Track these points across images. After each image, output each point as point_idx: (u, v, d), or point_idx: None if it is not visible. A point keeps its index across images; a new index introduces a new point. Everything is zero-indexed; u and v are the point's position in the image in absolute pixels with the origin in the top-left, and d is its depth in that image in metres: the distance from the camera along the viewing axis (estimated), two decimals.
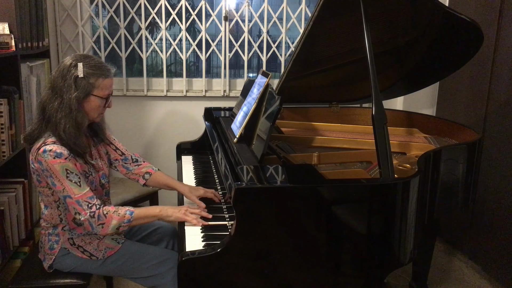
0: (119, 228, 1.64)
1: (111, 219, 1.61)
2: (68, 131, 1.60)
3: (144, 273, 1.77)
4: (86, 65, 1.62)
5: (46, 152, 1.57)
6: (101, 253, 1.75)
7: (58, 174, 1.57)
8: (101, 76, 1.64)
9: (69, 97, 1.60)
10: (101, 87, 1.65)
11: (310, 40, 2.17)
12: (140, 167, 1.98)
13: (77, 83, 1.61)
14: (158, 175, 1.97)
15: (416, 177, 1.64)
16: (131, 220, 1.64)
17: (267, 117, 1.82)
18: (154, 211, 1.71)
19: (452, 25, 2.12)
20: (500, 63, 2.62)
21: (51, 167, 1.57)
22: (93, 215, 1.60)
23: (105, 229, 1.62)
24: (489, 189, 2.70)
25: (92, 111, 1.68)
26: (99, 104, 1.68)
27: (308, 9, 3.24)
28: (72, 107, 1.60)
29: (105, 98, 1.69)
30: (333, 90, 2.67)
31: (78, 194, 1.59)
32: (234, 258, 1.46)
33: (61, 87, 1.61)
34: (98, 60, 1.68)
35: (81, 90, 1.61)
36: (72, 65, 1.61)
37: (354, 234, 1.55)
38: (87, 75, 1.62)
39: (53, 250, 1.76)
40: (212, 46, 3.23)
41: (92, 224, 1.60)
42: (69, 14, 3.05)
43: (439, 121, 2.57)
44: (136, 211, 1.66)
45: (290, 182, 1.57)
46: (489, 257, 2.73)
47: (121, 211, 1.64)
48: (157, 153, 3.31)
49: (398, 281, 2.66)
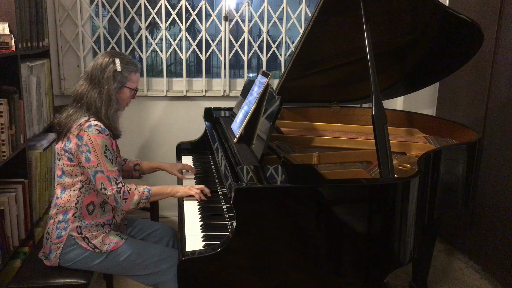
0: (139, 204, 1.80)
1: (134, 195, 1.78)
2: (110, 116, 1.84)
3: (145, 270, 1.82)
4: (122, 61, 1.85)
5: (91, 126, 1.75)
6: (105, 246, 1.81)
7: (98, 148, 1.74)
8: (134, 70, 1.89)
9: (109, 88, 1.82)
10: (133, 80, 1.90)
11: (310, 40, 2.17)
12: (127, 163, 2.19)
13: (114, 76, 1.83)
14: (143, 163, 2.23)
15: (416, 177, 1.64)
16: (149, 197, 1.82)
17: (267, 117, 1.83)
18: (166, 190, 1.90)
19: (452, 25, 2.12)
20: (500, 63, 2.62)
21: (93, 141, 1.73)
22: (119, 191, 1.76)
23: (128, 204, 1.78)
24: (489, 189, 2.70)
25: (123, 101, 1.91)
26: (129, 95, 1.91)
27: (308, 9, 3.24)
28: (111, 97, 1.83)
29: (134, 89, 1.92)
30: (333, 90, 2.67)
31: (110, 170, 1.76)
32: (234, 258, 1.46)
33: (99, 79, 1.81)
34: (130, 57, 1.92)
35: (118, 82, 1.84)
36: (110, 61, 1.83)
37: (354, 234, 1.55)
38: (123, 69, 1.85)
39: (60, 238, 1.80)
40: (212, 46, 3.23)
41: (117, 198, 1.75)
42: (69, 14, 3.05)
43: (439, 121, 2.57)
44: (152, 189, 1.84)
45: (290, 182, 1.57)
46: (489, 257, 2.73)
47: (140, 189, 1.81)
48: (157, 153, 3.31)
49: (398, 281, 2.66)
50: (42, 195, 2.49)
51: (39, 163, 2.40)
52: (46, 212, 2.57)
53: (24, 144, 2.23)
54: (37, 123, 2.47)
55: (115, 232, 1.87)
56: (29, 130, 2.34)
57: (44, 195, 2.52)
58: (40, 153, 2.40)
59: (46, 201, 2.56)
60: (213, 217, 1.80)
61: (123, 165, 2.16)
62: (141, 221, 2.14)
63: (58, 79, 3.10)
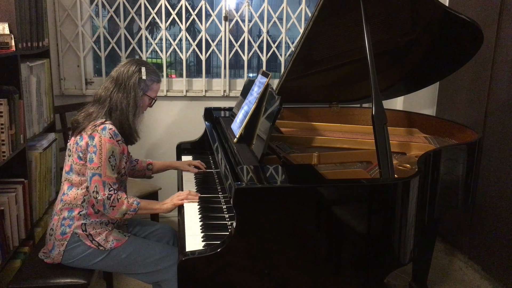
0: (125, 215, 1.81)
1: (122, 204, 1.79)
2: (132, 120, 1.88)
3: (146, 268, 1.83)
4: (148, 70, 1.90)
5: (105, 129, 1.78)
6: (109, 244, 1.82)
7: (104, 152, 1.76)
8: (156, 80, 1.95)
9: (135, 94, 1.87)
10: (154, 89, 1.95)
11: (310, 40, 2.17)
12: (139, 163, 2.23)
13: (139, 83, 1.88)
14: (155, 163, 2.28)
15: (416, 177, 1.64)
16: (136, 210, 1.82)
17: (267, 117, 1.82)
18: (155, 206, 1.92)
19: (452, 25, 2.12)
20: (500, 63, 2.62)
21: (102, 144, 1.76)
22: (109, 197, 1.76)
23: (114, 212, 1.78)
24: (489, 189, 2.70)
25: (142, 108, 1.95)
26: (147, 103, 1.97)
27: (308, 9, 3.24)
28: (137, 103, 1.88)
29: (153, 98, 1.97)
30: (333, 90, 2.67)
31: (108, 176, 1.77)
32: (234, 258, 1.46)
33: (126, 84, 1.86)
34: (154, 67, 1.97)
35: (141, 89, 1.90)
36: (136, 69, 1.89)
37: (354, 234, 1.55)
38: (149, 79, 1.91)
39: (64, 235, 1.81)
40: (212, 46, 3.23)
41: (105, 204, 1.76)
42: (69, 14, 3.05)
43: (439, 121, 2.56)
44: (142, 203, 1.85)
45: (290, 182, 1.57)
46: (489, 257, 2.73)
47: (130, 200, 1.82)
48: (157, 153, 3.31)
49: (398, 281, 2.66)
50: (42, 195, 2.49)
51: (39, 163, 2.40)
52: (46, 212, 2.57)
53: (24, 144, 2.23)
54: (37, 123, 2.47)
55: (117, 230, 1.89)
56: (29, 130, 2.34)
57: (44, 195, 2.51)
58: (40, 153, 2.40)
59: (46, 201, 2.56)
60: (213, 217, 1.80)
61: (135, 165, 2.20)
62: (141, 221, 2.14)
63: (58, 79, 3.10)
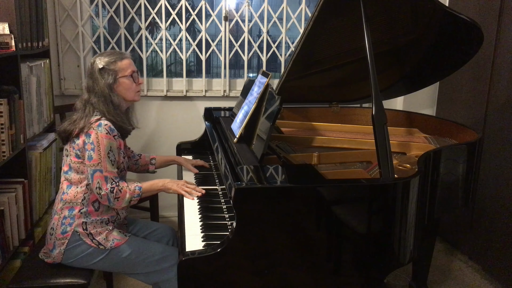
0: (131, 202, 1.84)
1: (126, 193, 1.81)
2: (113, 113, 1.85)
3: (146, 268, 1.83)
4: (101, 58, 1.87)
5: (101, 125, 1.78)
6: (109, 243, 1.82)
7: (102, 148, 1.77)
8: (117, 59, 1.88)
9: (100, 86, 1.85)
10: (122, 68, 1.88)
11: (310, 40, 2.17)
12: (142, 158, 2.24)
13: (101, 74, 1.85)
14: (158, 157, 2.30)
15: (416, 177, 1.64)
16: (140, 194, 1.85)
17: (267, 117, 1.82)
18: (157, 185, 1.93)
19: (452, 25, 2.12)
20: (500, 63, 2.62)
21: (99, 140, 1.77)
22: (112, 191, 1.79)
23: (120, 202, 1.81)
24: (489, 189, 2.70)
25: (127, 92, 1.91)
26: (129, 83, 1.91)
27: (308, 9, 3.24)
28: (105, 94, 1.85)
29: (130, 75, 1.90)
30: (333, 90, 2.67)
31: (109, 171, 1.79)
32: (234, 258, 1.46)
33: (92, 84, 1.86)
34: (110, 50, 1.94)
35: (108, 77, 1.85)
36: (92, 63, 1.88)
37: (354, 234, 1.55)
38: (106, 64, 1.86)
39: (65, 234, 1.82)
40: (212, 46, 3.23)
41: (110, 198, 1.79)
42: (69, 14, 3.05)
43: (439, 121, 2.56)
44: (143, 186, 1.87)
45: (290, 182, 1.57)
46: (489, 257, 2.73)
47: (131, 186, 1.84)
48: (157, 153, 3.26)
49: (398, 281, 2.66)
50: (42, 195, 2.49)
51: (39, 163, 2.40)
52: (46, 212, 2.57)
53: (24, 144, 2.23)
54: (37, 123, 2.47)
55: (118, 230, 1.89)
56: (29, 130, 2.34)
57: (44, 195, 2.51)
58: (40, 153, 2.40)
59: (46, 201, 2.56)
60: (213, 217, 1.80)
61: (137, 160, 2.22)
62: (141, 221, 2.14)
63: (58, 79, 3.10)
